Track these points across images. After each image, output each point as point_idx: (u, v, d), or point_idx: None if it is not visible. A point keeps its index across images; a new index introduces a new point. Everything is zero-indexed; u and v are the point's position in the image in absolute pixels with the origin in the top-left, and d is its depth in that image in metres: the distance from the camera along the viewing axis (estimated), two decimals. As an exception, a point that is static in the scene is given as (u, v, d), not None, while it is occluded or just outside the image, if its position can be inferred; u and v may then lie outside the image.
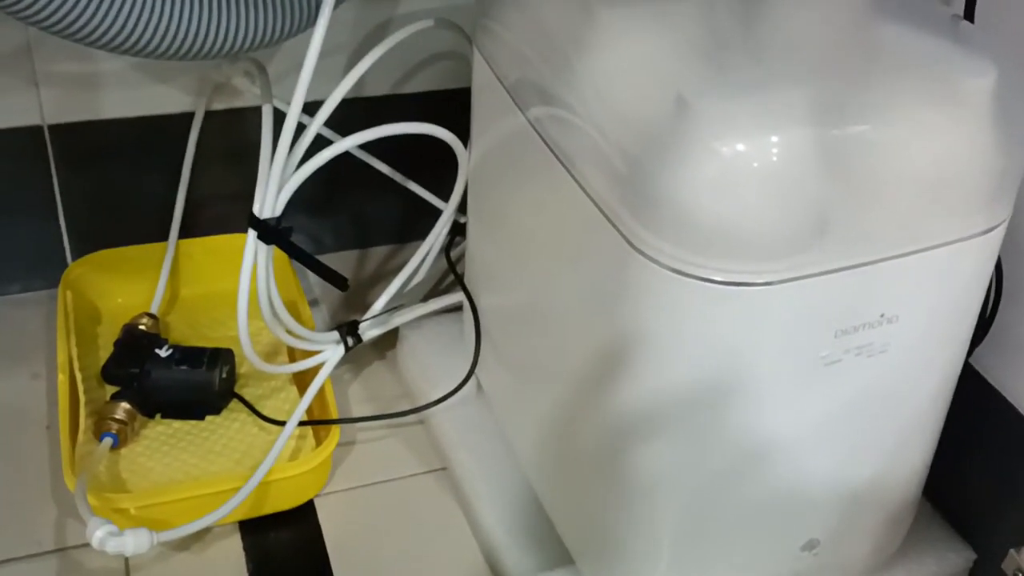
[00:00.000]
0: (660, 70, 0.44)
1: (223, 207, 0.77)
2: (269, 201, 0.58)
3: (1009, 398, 0.58)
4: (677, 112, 0.41)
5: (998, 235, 0.47)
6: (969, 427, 0.59)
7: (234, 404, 0.67)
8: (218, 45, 0.55)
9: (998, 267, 0.56)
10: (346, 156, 0.61)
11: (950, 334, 0.50)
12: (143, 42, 0.53)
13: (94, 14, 0.51)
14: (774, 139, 0.41)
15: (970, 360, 0.58)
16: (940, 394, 0.53)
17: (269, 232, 0.58)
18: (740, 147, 0.41)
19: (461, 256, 0.68)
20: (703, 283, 0.43)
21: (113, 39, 0.52)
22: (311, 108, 0.58)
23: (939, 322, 0.48)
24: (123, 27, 0.52)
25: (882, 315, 0.46)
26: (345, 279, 0.63)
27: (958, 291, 0.48)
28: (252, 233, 0.58)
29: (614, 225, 0.44)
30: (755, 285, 0.43)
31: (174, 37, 0.53)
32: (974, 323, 0.51)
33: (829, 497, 0.52)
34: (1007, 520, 0.59)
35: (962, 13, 0.55)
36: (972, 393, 0.59)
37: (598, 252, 0.47)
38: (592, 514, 0.54)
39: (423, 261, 0.70)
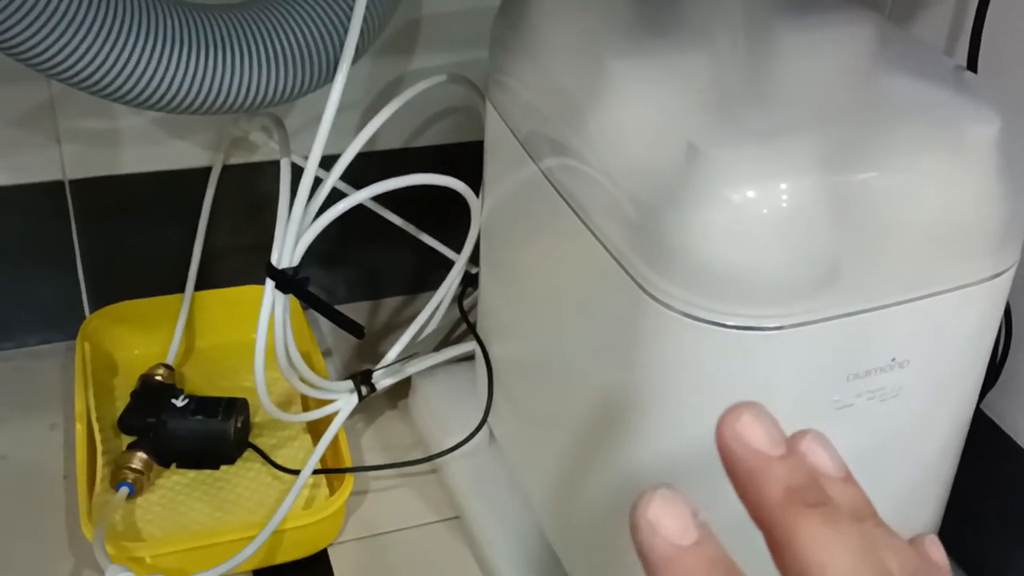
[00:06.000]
0: (671, 120, 0.45)
1: (238, 260, 0.78)
2: (287, 252, 0.59)
3: (1020, 443, 0.58)
4: (688, 161, 0.42)
5: (1006, 280, 0.48)
6: (982, 473, 0.60)
7: (248, 453, 0.68)
8: (240, 100, 0.56)
9: (1007, 312, 0.56)
10: (359, 208, 0.62)
11: (961, 378, 0.50)
12: (168, 97, 0.54)
13: (122, 71, 0.52)
14: (783, 186, 0.42)
15: (981, 406, 0.58)
16: (953, 439, 0.53)
17: (287, 282, 0.59)
18: (750, 194, 0.42)
19: (473, 306, 0.69)
20: (715, 327, 0.43)
21: (140, 94, 0.53)
22: (326, 162, 0.60)
23: (950, 366, 0.49)
24: (149, 82, 0.53)
25: (893, 359, 0.46)
26: (361, 327, 0.64)
27: (968, 335, 0.49)
28: (270, 283, 0.59)
29: (627, 272, 0.45)
30: (767, 329, 0.43)
31: (197, 92, 0.55)
32: (985, 367, 0.51)
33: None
34: (1022, 566, 0.59)
35: (965, 63, 0.56)
36: (984, 438, 0.59)
37: (611, 298, 0.48)
38: (607, 564, 0.54)
39: (435, 311, 0.71)
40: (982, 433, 0.58)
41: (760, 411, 0.29)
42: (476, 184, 0.63)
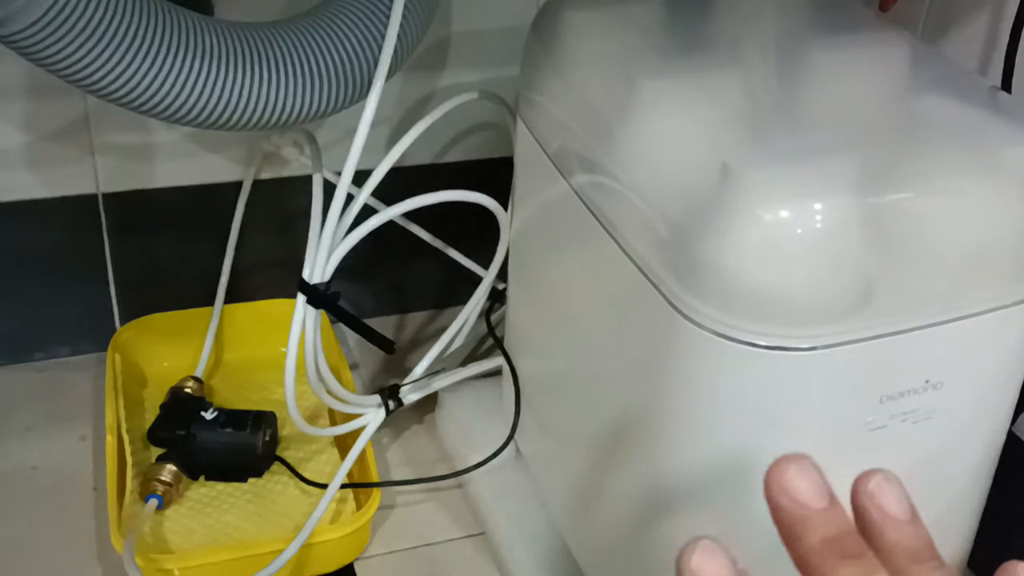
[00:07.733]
0: (703, 139, 0.45)
1: (268, 273, 0.78)
2: (319, 267, 0.59)
3: (1055, 466, 0.58)
4: (721, 180, 0.42)
5: (1041, 302, 0.48)
6: (1013, 497, 0.59)
7: (276, 467, 0.68)
8: (274, 117, 0.56)
9: (1041, 334, 0.56)
10: (387, 223, 0.62)
11: (995, 401, 0.50)
12: (203, 113, 0.54)
13: (160, 87, 0.53)
14: (817, 206, 0.42)
15: (1013, 428, 0.57)
16: (985, 462, 0.52)
17: (318, 297, 0.59)
18: (784, 214, 0.41)
19: (500, 321, 0.69)
20: (747, 347, 0.43)
21: (176, 110, 0.54)
22: (357, 177, 0.60)
23: (984, 388, 0.48)
24: (187, 99, 0.54)
25: (927, 381, 0.46)
26: (392, 343, 0.64)
27: (1002, 357, 0.48)
28: (301, 298, 0.59)
29: (658, 290, 0.45)
30: (799, 350, 0.43)
31: (233, 109, 0.55)
32: (1018, 390, 0.51)
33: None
34: (1057, 591, 0.58)
35: (999, 84, 0.56)
36: (1016, 462, 0.58)
37: (641, 316, 0.47)
38: (632, 582, 0.54)
39: (463, 326, 0.71)
40: (1015, 456, 0.57)
41: (805, 464, 0.31)
42: (505, 200, 0.63)
